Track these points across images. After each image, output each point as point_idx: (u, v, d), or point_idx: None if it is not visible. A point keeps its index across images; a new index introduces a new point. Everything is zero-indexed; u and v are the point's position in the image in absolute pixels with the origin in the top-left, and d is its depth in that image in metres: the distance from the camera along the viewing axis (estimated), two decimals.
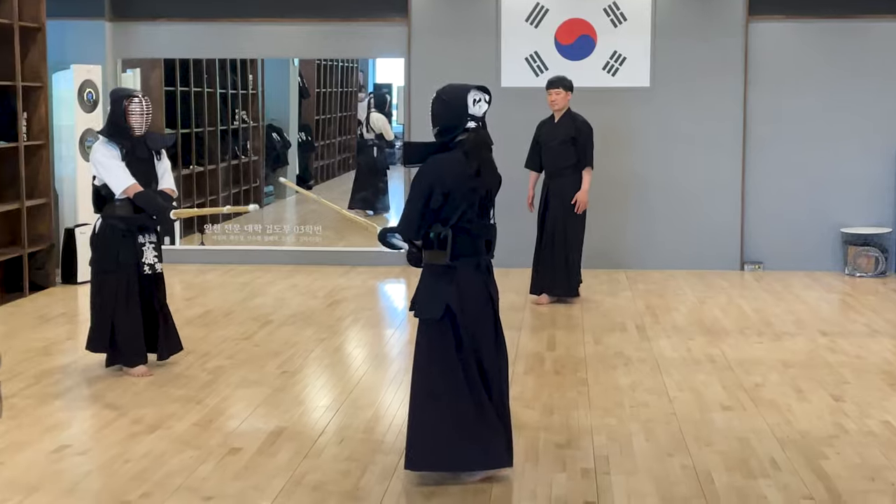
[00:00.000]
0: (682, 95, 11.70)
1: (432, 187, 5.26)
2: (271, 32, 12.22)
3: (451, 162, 5.30)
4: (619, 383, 7.37)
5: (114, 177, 7.33)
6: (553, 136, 10.10)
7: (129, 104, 7.37)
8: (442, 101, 5.45)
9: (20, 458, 5.90)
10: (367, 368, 7.90)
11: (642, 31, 11.76)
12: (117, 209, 7.40)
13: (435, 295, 5.37)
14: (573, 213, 10.03)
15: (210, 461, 5.84)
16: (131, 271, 7.48)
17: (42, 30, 10.65)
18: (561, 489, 5.39)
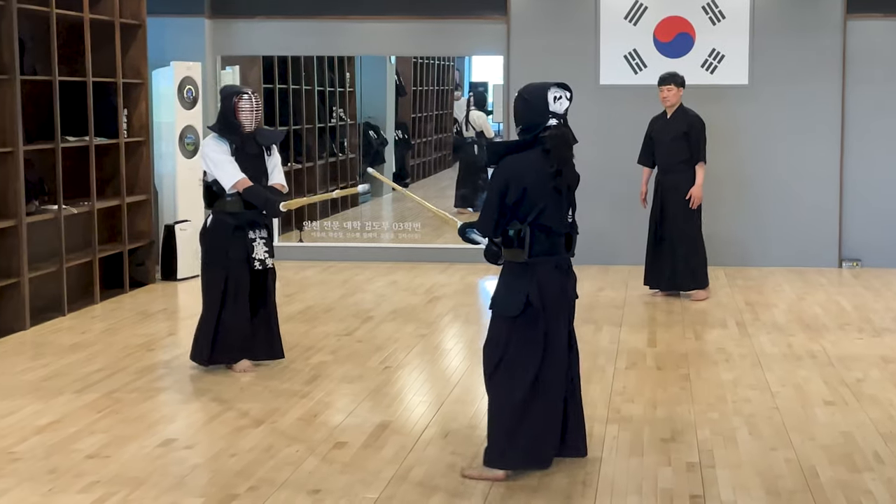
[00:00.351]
0: (780, 93, 11.58)
1: (508, 184, 5.26)
2: (369, 30, 12.23)
3: (529, 159, 5.29)
4: (720, 379, 7.33)
5: (223, 172, 7.25)
6: (665, 132, 10.06)
7: (238, 101, 7.30)
8: (523, 100, 5.44)
9: (126, 452, 5.90)
10: (468, 364, 7.83)
11: (741, 29, 11.69)
12: (227, 204, 7.33)
13: (513, 292, 5.37)
14: (688, 208, 9.96)
15: (316, 455, 5.82)
16: (241, 267, 7.38)
17: (143, 27, 10.69)
18: (667, 483, 5.37)
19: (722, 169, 11.56)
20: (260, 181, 7.39)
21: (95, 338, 8.58)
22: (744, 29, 11.68)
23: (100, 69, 10.11)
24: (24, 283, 8.81)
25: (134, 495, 5.26)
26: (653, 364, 7.74)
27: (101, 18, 10.09)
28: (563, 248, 5.44)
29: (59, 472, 5.55)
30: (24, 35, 9.02)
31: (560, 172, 5.27)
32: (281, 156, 7.67)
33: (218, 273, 7.38)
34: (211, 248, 7.43)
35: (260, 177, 7.41)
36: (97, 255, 9.93)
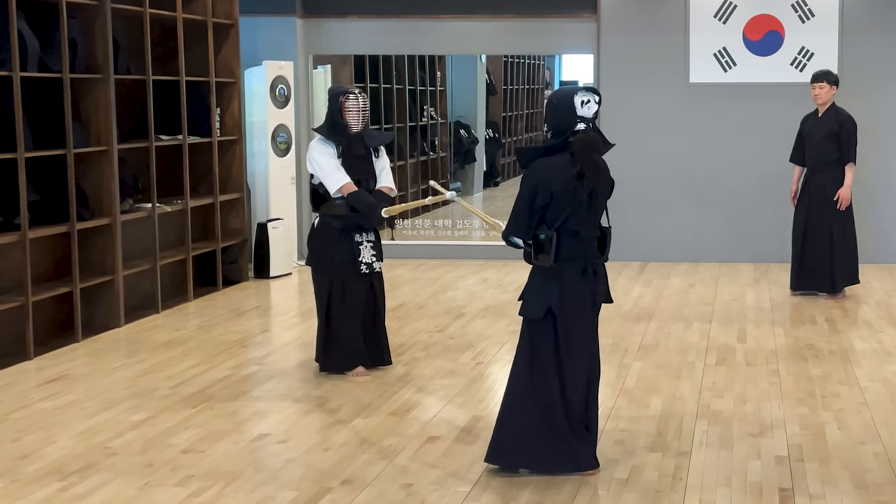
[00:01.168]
0: (870, 90, 11.38)
1: (536, 189, 5.28)
2: (460, 29, 12.24)
3: (556, 164, 5.28)
4: (810, 374, 7.33)
5: (328, 176, 7.13)
6: (816, 131, 9.90)
7: (345, 101, 7.16)
8: (552, 105, 5.44)
9: (220, 446, 5.93)
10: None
11: (830, 26, 11.62)
12: (335, 208, 7.21)
13: (538, 295, 5.40)
14: (836, 209, 9.79)
15: (408, 449, 5.84)
16: (348, 270, 7.26)
17: (235, 26, 10.75)
18: (756, 476, 5.37)
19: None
20: (367, 183, 7.24)
21: (189, 335, 8.65)
22: (833, 26, 11.61)
23: (193, 68, 10.19)
24: (119, 281, 8.90)
25: (229, 489, 5.28)
26: (742, 360, 7.73)
27: (193, 18, 10.17)
28: (594, 251, 5.41)
29: (154, 466, 5.59)
30: (118, 35, 9.11)
31: (582, 175, 5.23)
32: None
33: (324, 277, 7.31)
34: (317, 251, 7.34)
35: (367, 179, 7.26)
36: (190, 252, 10.01)
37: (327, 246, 7.25)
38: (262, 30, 11.82)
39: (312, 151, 7.22)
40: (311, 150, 7.26)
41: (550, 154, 5.33)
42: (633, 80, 11.68)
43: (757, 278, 11.00)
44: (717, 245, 11.80)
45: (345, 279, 7.24)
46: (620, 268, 11.42)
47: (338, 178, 7.11)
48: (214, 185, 10.43)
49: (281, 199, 11.36)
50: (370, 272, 7.31)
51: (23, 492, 5.25)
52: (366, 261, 7.28)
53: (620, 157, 10.74)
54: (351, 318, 7.27)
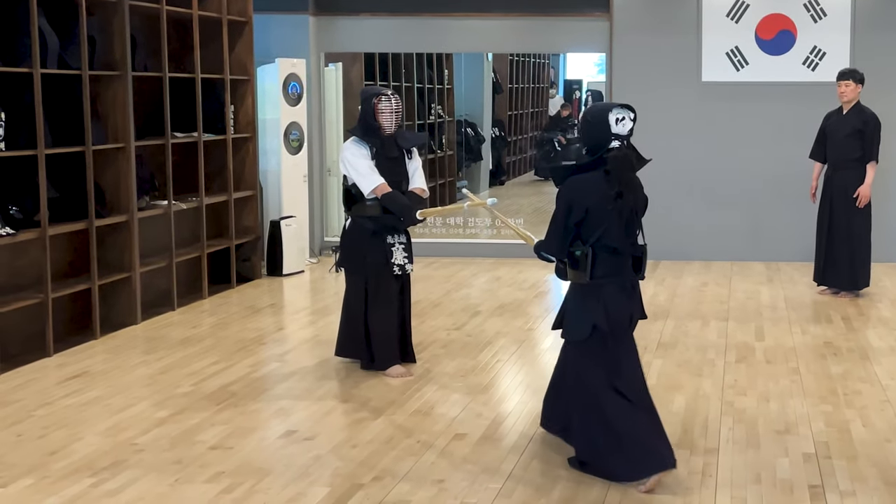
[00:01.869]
0: (882, 89, 11.32)
1: (570, 206, 5.26)
2: (471, 27, 12.25)
3: (590, 181, 5.26)
4: (830, 372, 7.35)
5: (362, 177, 7.08)
6: (839, 128, 9.90)
7: (378, 102, 7.13)
8: (587, 121, 5.44)
9: (248, 443, 5.94)
10: None
11: (842, 26, 11.65)
12: (367, 209, 7.17)
13: (580, 316, 5.36)
14: (856, 206, 9.82)
15: (436, 447, 5.84)
16: (381, 271, 7.22)
17: (249, 23, 10.75)
18: (785, 473, 5.40)
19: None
20: (400, 185, 7.21)
21: (207, 332, 8.65)
22: (845, 26, 11.63)
23: (207, 66, 10.18)
24: (136, 278, 8.90)
25: (261, 485, 5.28)
26: (762, 358, 7.74)
27: (209, 15, 10.16)
28: (630, 269, 5.39)
29: (184, 463, 5.59)
30: (136, 32, 9.10)
31: (621, 195, 5.21)
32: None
33: (358, 278, 7.29)
34: (350, 252, 7.31)
35: (400, 180, 7.23)
36: (205, 250, 10.01)
37: (360, 247, 7.22)
38: (275, 27, 11.82)
39: (346, 153, 7.18)
40: (344, 151, 7.23)
41: (585, 171, 5.31)
42: (646, 79, 11.69)
43: (770, 276, 11.02)
44: (729, 243, 11.82)
45: (378, 280, 7.22)
46: None
47: (372, 180, 7.08)
48: (228, 182, 10.43)
49: (293, 196, 11.36)
50: (402, 273, 7.30)
51: (54, 488, 5.26)
52: (398, 262, 7.25)
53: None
54: (388, 318, 7.25)
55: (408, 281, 7.43)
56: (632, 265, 5.40)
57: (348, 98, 12.72)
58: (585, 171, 5.31)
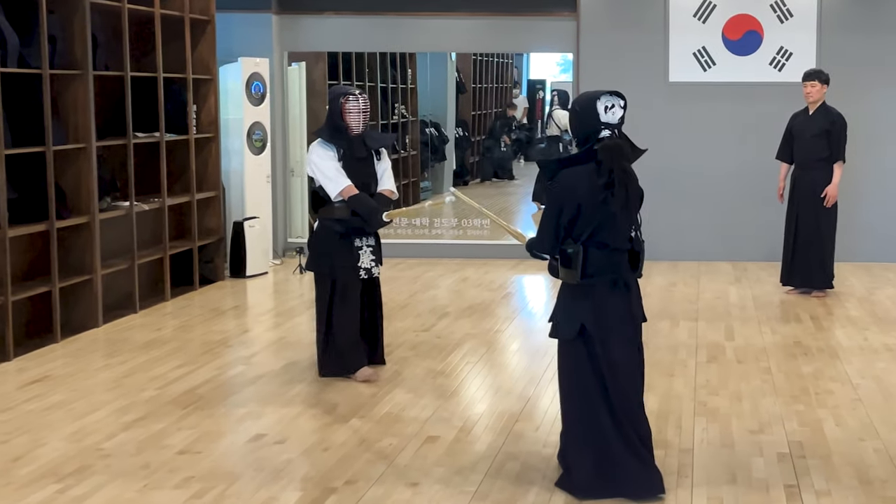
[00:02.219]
0: (847, 90, 11.37)
1: (562, 202, 5.01)
2: (437, 26, 12.19)
3: (581, 174, 5.00)
4: (801, 371, 7.35)
5: (328, 179, 6.95)
6: (806, 129, 9.92)
7: (346, 102, 6.99)
8: (575, 112, 5.19)
9: (217, 447, 5.85)
10: (554, 355, 7.56)
11: (808, 26, 11.71)
12: (335, 211, 7.04)
13: (570, 315, 5.10)
14: (823, 206, 9.83)
15: (409, 448, 5.79)
16: (348, 275, 7.09)
17: (211, 22, 10.61)
18: (760, 473, 5.39)
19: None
20: (369, 187, 7.09)
21: (170, 335, 8.52)
22: (811, 27, 11.69)
23: (169, 65, 10.05)
24: (97, 281, 8.75)
25: (231, 490, 5.19)
26: (733, 357, 7.73)
27: (171, 14, 10.03)
28: (626, 265, 5.12)
29: (152, 468, 5.49)
30: (97, 30, 8.96)
31: (611, 185, 4.93)
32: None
33: (325, 280, 7.15)
34: (317, 255, 7.17)
35: (369, 182, 7.11)
36: (167, 251, 9.87)
37: (327, 250, 7.08)
38: (238, 26, 11.70)
39: (312, 155, 7.05)
40: (311, 153, 7.09)
41: (575, 164, 5.06)
42: (613, 80, 11.41)
43: (738, 276, 11.03)
44: (696, 243, 11.82)
45: (345, 283, 7.09)
46: None
47: (339, 182, 6.95)
48: (191, 183, 10.29)
49: (256, 197, 11.24)
50: (369, 277, 7.18)
51: (19, 494, 5.14)
52: (365, 266, 7.13)
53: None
54: (351, 322, 7.11)
55: (377, 283, 7.32)
56: (629, 262, 5.14)
57: (312, 98, 12.61)
58: (576, 163, 5.06)
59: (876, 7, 11.66)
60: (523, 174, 17.99)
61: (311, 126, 12.33)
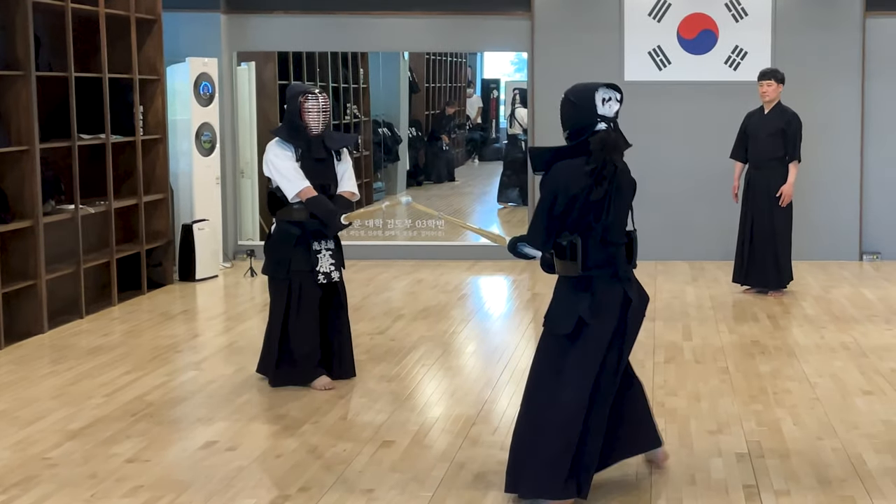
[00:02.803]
0: (802, 89, 11.42)
1: (556, 194, 4.87)
2: (389, 25, 12.09)
3: (575, 167, 4.88)
4: (759, 371, 7.34)
5: (286, 180, 6.75)
6: (761, 128, 9.89)
7: (304, 101, 6.77)
8: (570, 103, 5.06)
9: (167, 455, 5.73)
10: (508, 359, 7.74)
11: (763, 25, 11.75)
12: (294, 213, 6.81)
13: (568, 309, 4.94)
14: (779, 206, 9.82)
15: (364, 454, 5.69)
16: (305, 279, 6.85)
17: (158, 22, 10.44)
18: (719, 473, 5.39)
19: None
20: (328, 188, 6.89)
21: (118, 340, 8.35)
22: (766, 26, 11.72)
23: (115, 65, 9.87)
24: (42, 286, 8.56)
25: (182, 498, 5.07)
26: (691, 357, 7.69)
27: (116, 13, 9.85)
28: (623, 257, 5.03)
29: (99, 478, 5.35)
30: (39, 30, 8.77)
31: (602, 178, 4.84)
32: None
33: (281, 285, 6.90)
34: (274, 258, 6.90)
35: (328, 183, 6.91)
36: (114, 255, 9.68)
37: (284, 254, 6.85)
38: (186, 26, 11.51)
39: (269, 154, 6.85)
40: (268, 152, 6.88)
41: (569, 156, 4.93)
42: (568, 79, 11.31)
43: (695, 276, 11.01)
44: (652, 243, 11.70)
45: (302, 288, 6.86)
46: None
47: (296, 183, 6.74)
48: (138, 185, 10.11)
49: (206, 199, 11.06)
50: (328, 282, 6.95)
51: None
52: (324, 270, 6.90)
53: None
54: (308, 329, 6.88)
55: (341, 289, 7.08)
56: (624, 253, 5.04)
57: (262, 98, 12.46)
58: (569, 156, 4.94)
59: (830, 6, 11.71)
60: (477, 175, 17.89)
61: (262, 127, 12.19)
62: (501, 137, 19.28)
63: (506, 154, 16.00)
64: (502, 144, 18.60)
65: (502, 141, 18.95)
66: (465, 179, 16.43)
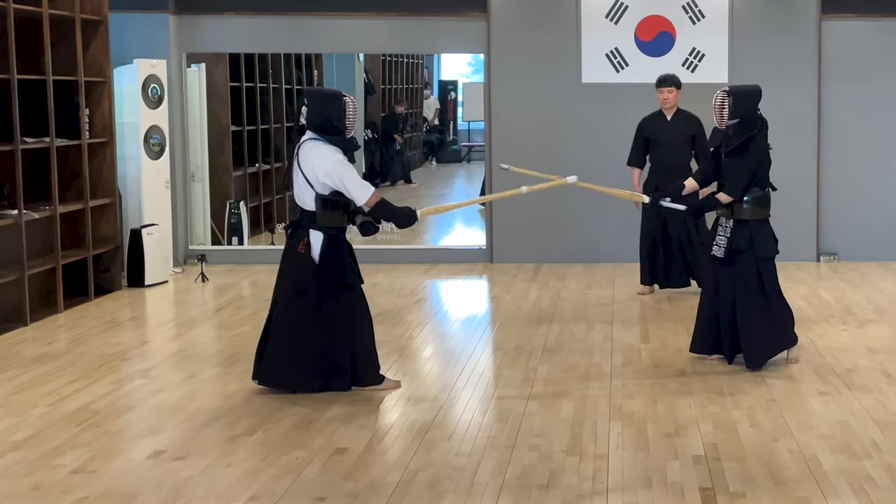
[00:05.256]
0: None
1: (761, 160, 7.34)
2: (342, 27, 11.94)
3: (764, 142, 7.40)
4: (716, 372, 7.33)
5: (358, 186, 6.54)
6: (668, 134, 9.94)
7: (347, 104, 6.67)
8: (754, 96, 7.60)
9: (113, 465, 5.56)
10: (467, 361, 7.70)
11: (720, 28, 11.75)
12: (339, 219, 6.71)
13: (769, 238, 7.33)
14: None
15: (316, 462, 5.57)
16: (357, 285, 6.85)
17: (104, 23, 10.21)
18: (676, 476, 5.37)
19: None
20: None
21: (64, 348, 8.13)
22: (723, 28, 11.71)
23: (60, 67, 9.65)
24: None
25: None
26: (648, 360, 7.67)
27: (60, 14, 9.62)
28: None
29: (43, 489, 5.18)
30: None
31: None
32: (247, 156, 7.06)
33: (344, 296, 6.75)
34: (335, 270, 6.71)
35: None
36: (60, 261, 9.44)
37: (343, 261, 6.74)
38: (133, 26, 11.29)
39: (331, 160, 6.54)
40: (326, 158, 6.55)
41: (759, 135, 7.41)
42: (525, 81, 11.52)
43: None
44: (610, 245, 11.72)
45: (360, 294, 6.88)
46: (515, 270, 11.27)
47: (367, 188, 6.59)
48: (84, 189, 9.88)
49: (155, 203, 10.85)
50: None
51: None
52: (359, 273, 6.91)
53: (512, 159, 10.72)
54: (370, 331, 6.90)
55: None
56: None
57: (213, 100, 12.25)
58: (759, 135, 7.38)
59: (786, 8, 11.72)
60: (434, 177, 17.73)
61: (213, 129, 11.99)
62: (460, 139, 19.14)
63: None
64: (460, 146, 18.48)
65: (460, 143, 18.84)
66: (423, 181, 16.24)
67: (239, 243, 12.17)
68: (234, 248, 12.15)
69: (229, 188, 12.67)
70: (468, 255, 11.89)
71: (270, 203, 13.39)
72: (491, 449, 5.73)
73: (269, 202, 13.41)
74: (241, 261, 11.83)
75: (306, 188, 6.62)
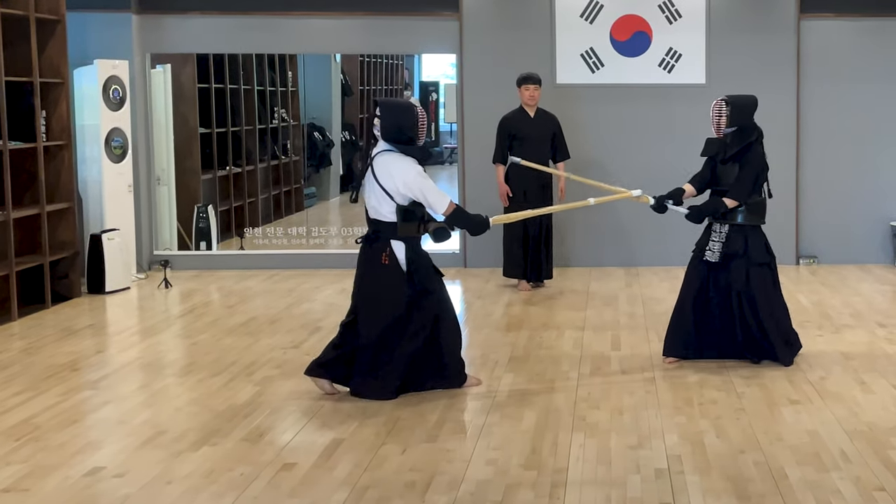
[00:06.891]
0: (737, 92, 11.02)
1: (764, 167, 7.53)
2: (313, 27, 11.74)
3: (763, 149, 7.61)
4: (686, 381, 7.17)
5: (438, 196, 6.67)
6: (533, 131, 10.24)
7: (420, 114, 6.70)
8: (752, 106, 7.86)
9: (47, 483, 5.30)
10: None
11: (697, 28, 11.59)
12: (413, 228, 6.75)
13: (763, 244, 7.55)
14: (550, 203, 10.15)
15: (262, 478, 5.34)
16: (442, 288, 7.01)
17: (62, 22, 9.96)
18: (636, 491, 5.22)
19: (675, 167, 11.15)
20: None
21: (13, 358, 7.85)
22: (700, 28, 11.55)
23: (14, 68, 9.41)
24: None
25: None
26: (617, 368, 7.49)
27: (14, 13, 9.37)
28: None
29: None
30: None
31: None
32: (218, 160, 6.90)
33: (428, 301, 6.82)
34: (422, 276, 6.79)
35: None
36: (14, 267, 9.16)
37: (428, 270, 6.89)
38: (93, 26, 11.05)
39: (411, 173, 6.64)
40: (406, 171, 6.65)
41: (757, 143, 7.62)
42: (499, 82, 11.28)
43: (628, 282, 10.74)
44: (586, 248, 11.53)
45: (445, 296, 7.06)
46: (488, 274, 11.03)
47: (445, 197, 6.72)
48: (40, 194, 9.62)
49: (117, 208, 10.59)
50: None
51: None
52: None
53: (484, 161, 10.50)
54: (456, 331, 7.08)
55: None
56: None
57: (179, 102, 11.97)
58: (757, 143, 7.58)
59: (764, 8, 11.56)
60: None
61: (179, 132, 11.72)
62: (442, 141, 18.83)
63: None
64: (442, 148, 18.17)
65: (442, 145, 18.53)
66: None
67: (207, 248, 11.92)
68: (201, 253, 11.88)
69: (198, 192, 12.39)
70: (442, 260, 11.31)
71: (242, 207, 13.12)
72: (446, 463, 5.52)
73: (241, 206, 13.14)
74: (209, 266, 11.62)
75: (385, 200, 6.68)
